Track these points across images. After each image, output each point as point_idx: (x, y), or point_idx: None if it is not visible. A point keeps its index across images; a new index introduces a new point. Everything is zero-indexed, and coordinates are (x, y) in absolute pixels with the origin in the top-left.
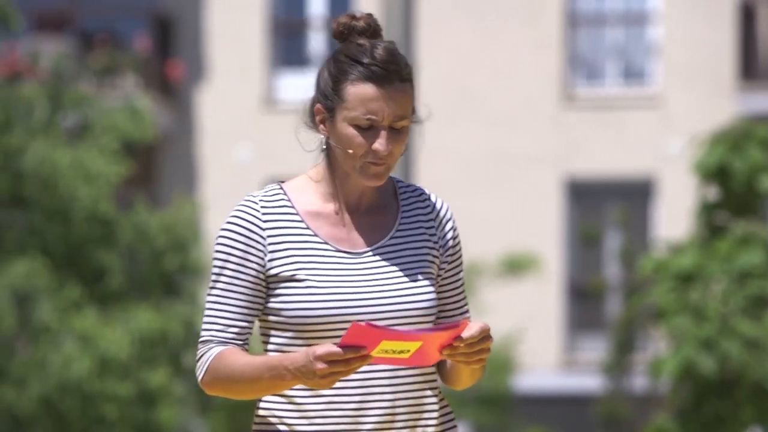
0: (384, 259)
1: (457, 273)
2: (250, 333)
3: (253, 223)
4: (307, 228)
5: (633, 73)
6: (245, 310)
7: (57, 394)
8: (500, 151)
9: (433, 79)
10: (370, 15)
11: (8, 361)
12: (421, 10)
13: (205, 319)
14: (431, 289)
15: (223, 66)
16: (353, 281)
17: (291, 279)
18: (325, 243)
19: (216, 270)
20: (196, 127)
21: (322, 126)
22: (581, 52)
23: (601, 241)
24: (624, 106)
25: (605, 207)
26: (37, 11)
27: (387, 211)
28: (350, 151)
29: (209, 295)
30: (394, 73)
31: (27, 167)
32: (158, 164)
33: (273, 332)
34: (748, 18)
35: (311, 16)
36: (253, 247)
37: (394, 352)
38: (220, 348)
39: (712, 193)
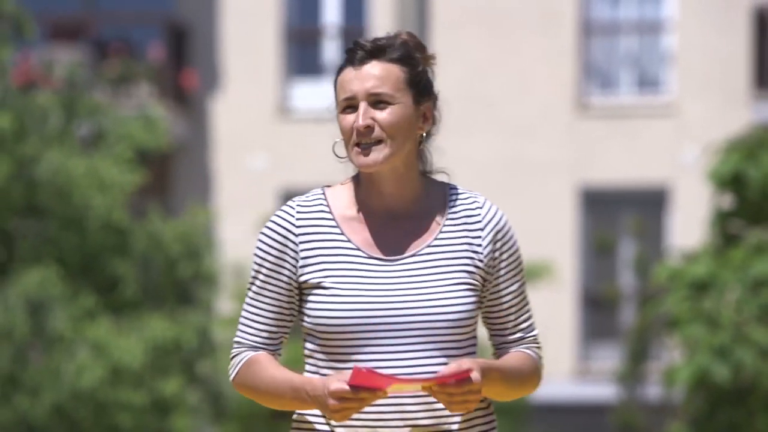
0: (418, 267)
1: (505, 288)
2: (284, 337)
3: (287, 229)
4: (342, 234)
5: (647, 82)
6: (277, 315)
7: (70, 402)
8: (515, 159)
9: (447, 88)
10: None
11: (22, 369)
12: (436, 19)
13: (240, 320)
14: (464, 301)
15: (238, 75)
16: (380, 289)
17: (318, 286)
18: (358, 249)
19: (252, 274)
20: (210, 136)
21: None
22: (596, 61)
23: (615, 250)
24: (638, 114)
25: (620, 216)
26: (52, 20)
27: (431, 217)
28: (344, 138)
29: (246, 297)
30: (369, 51)
31: (41, 176)
32: (172, 173)
33: (307, 338)
34: (762, 26)
35: (326, 25)
36: (287, 254)
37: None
38: (251, 353)
39: (727, 201)
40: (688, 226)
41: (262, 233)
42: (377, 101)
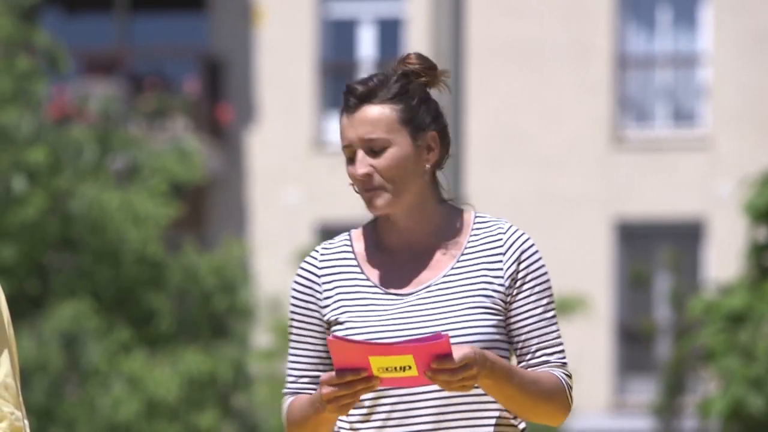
0: (432, 299)
1: (529, 310)
2: None
3: (311, 272)
4: (361, 272)
5: (682, 115)
6: (316, 360)
7: None
8: (549, 193)
9: (482, 121)
10: (418, 55)
11: (57, 403)
12: (471, 52)
13: (286, 372)
14: (482, 323)
15: (273, 108)
16: (394, 322)
17: (336, 322)
18: (375, 286)
19: (289, 324)
20: (245, 169)
21: None
22: (630, 94)
23: (650, 283)
24: (673, 148)
25: (655, 249)
26: (87, 54)
27: (450, 249)
28: (354, 184)
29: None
30: (359, 96)
31: (76, 210)
32: (207, 207)
33: None
34: None
35: (360, 59)
36: (312, 296)
37: (396, 369)
38: (292, 398)
39: (762, 234)
40: (724, 258)
41: (293, 281)
42: (373, 147)
